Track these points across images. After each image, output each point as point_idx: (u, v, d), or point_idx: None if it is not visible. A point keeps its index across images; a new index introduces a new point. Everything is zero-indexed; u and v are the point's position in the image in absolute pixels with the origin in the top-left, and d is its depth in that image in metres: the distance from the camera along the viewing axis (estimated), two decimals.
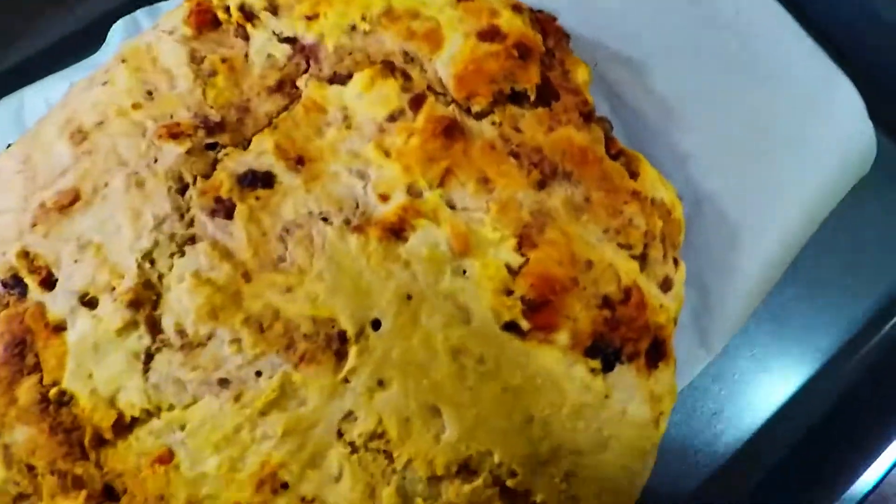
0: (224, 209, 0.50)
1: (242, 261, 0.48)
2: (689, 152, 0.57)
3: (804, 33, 0.58)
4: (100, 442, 0.47)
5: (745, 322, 0.57)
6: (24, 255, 0.52)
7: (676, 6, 0.61)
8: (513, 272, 0.47)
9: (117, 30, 0.66)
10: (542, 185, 0.50)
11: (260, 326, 0.46)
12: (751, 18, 0.59)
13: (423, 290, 0.46)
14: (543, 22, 0.56)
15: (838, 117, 0.55)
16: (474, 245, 0.48)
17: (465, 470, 0.44)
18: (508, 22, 0.56)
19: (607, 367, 0.49)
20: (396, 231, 0.48)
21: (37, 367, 0.50)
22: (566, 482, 0.47)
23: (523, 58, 0.53)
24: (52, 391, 0.48)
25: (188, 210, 0.50)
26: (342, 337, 0.46)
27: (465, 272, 0.47)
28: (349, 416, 0.45)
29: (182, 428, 0.45)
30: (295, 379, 0.45)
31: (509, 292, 0.48)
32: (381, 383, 0.45)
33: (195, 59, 0.55)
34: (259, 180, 0.50)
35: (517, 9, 0.56)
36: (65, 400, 0.48)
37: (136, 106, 0.56)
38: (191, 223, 0.49)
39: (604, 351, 0.47)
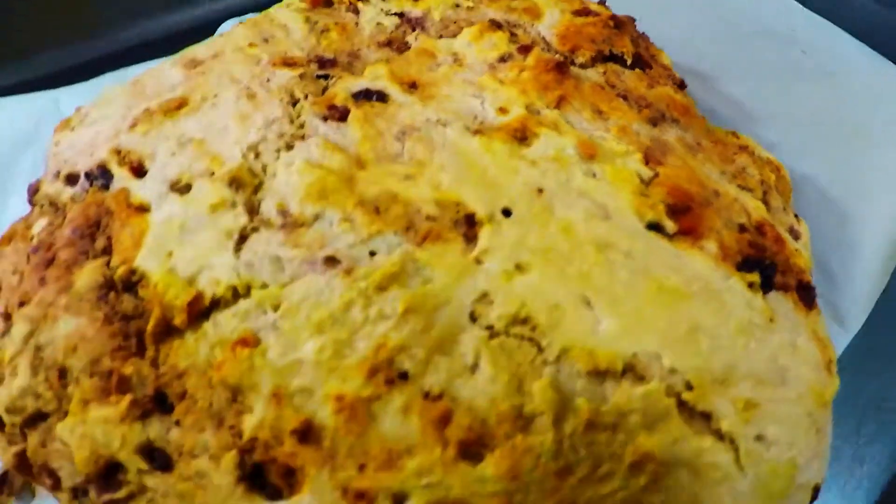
0: (338, 114, 0.31)
1: (356, 154, 0.28)
2: (774, 141, 0.43)
3: (853, 38, 0.46)
4: (166, 331, 0.25)
5: (874, 300, 0.42)
6: (117, 151, 0.31)
7: (734, 26, 0.48)
8: (644, 183, 0.28)
9: (226, 27, 0.51)
10: (654, 122, 0.33)
11: (375, 209, 0.26)
12: (806, 33, 0.47)
13: (554, 187, 0.28)
14: (624, 21, 0.43)
15: None
16: (601, 153, 0.29)
17: (632, 372, 0.26)
18: (598, 7, 0.47)
19: (766, 287, 0.32)
20: (519, 136, 0.30)
21: (106, 251, 0.28)
22: (750, 414, 0.29)
23: (618, 28, 0.40)
24: (120, 270, 0.27)
25: (299, 116, 0.31)
26: (470, 220, 0.26)
27: (595, 175, 0.28)
28: (484, 297, 0.24)
29: (276, 308, 0.24)
30: (419, 256, 0.25)
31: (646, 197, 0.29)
32: (519, 268, 0.24)
33: (309, 21, 0.39)
34: (373, 94, 0.32)
35: (602, 3, 0.49)
36: (133, 280, 0.27)
37: (251, 45, 0.42)
38: (301, 126, 0.30)
39: (760, 265, 0.27)
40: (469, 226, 0.31)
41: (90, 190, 0.35)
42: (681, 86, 0.44)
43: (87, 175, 0.36)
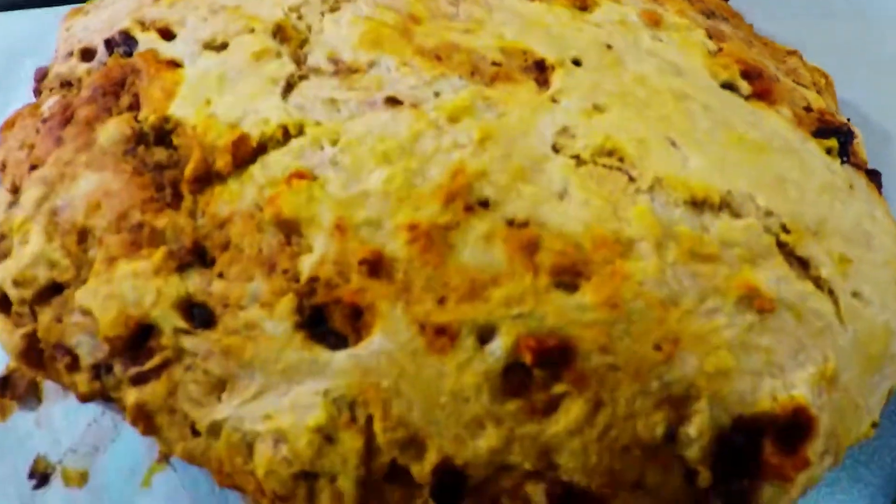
0: None
1: (409, 12, 0.26)
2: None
3: None
4: (206, 178, 0.22)
5: None
6: (140, 22, 0.28)
7: None
8: (711, 54, 0.27)
9: None
10: (707, 15, 0.31)
11: (436, 56, 0.24)
12: None
13: (623, 45, 0.26)
14: None
15: None
16: (665, 23, 0.27)
17: (728, 209, 0.20)
18: None
19: (842, 155, 0.31)
20: (579, 4, 0.28)
21: (133, 107, 0.25)
22: (845, 267, 0.26)
23: None
24: (151, 118, 0.23)
25: None
26: (540, 66, 0.24)
27: (661, 40, 0.26)
28: (565, 131, 0.21)
29: (334, 143, 0.21)
30: (489, 94, 0.22)
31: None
32: (597, 108, 0.22)
33: None
34: None
35: None
36: (166, 129, 0.23)
37: None
38: None
39: (836, 132, 0.25)
40: (539, 71, 0.28)
41: (111, 57, 0.32)
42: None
43: (108, 42, 0.32)
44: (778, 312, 0.24)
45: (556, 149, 0.25)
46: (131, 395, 0.24)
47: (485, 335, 0.22)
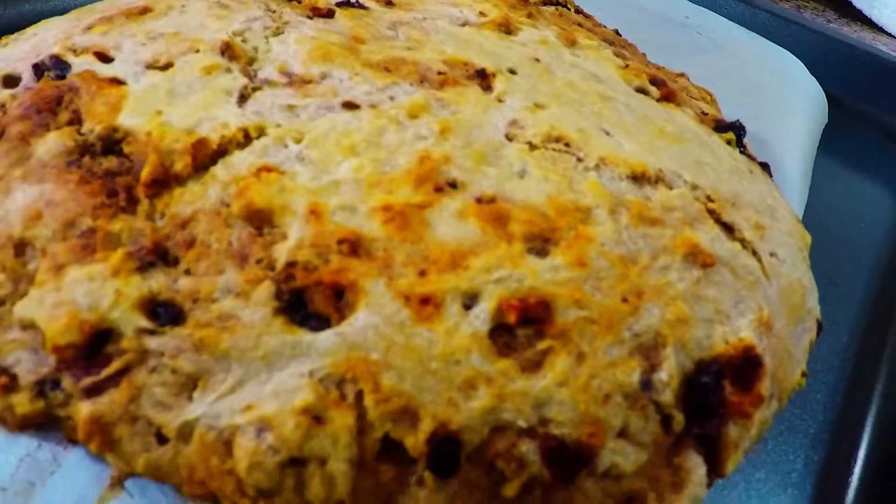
0: (323, 12, 0.32)
1: (351, 35, 0.30)
2: None
3: (731, 21, 0.57)
4: (164, 181, 0.23)
5: (801, 213, 0.44)
6: (71, 49, 0.30)
7: (641, 13, 0.58)
8: (621, 67, 0.32)
9: None
10: (610, 43, 0.38)
11: (385, 67, 0.27)
12: (696, 19, 0.63)
13: (548, 59, 0.31)
14: None
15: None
16: (579, 43, 0.33)
17: (662, 182, 0.25)
18: None
19: (741, 148, 0.37)
20: (504, 29, 0.33)
21: (73, 122, 0.26)
22: (761, 233, 0.31)
23: None
24: (98, 129, 0.24)
25: (281, 17, 0.32)
26: (481, 74, 0.28)
27: (579, 56, 0.32)
28: (514, 123, 0.25)
29: (298, 141, 0.23)
30: (441, 95, 0.26)
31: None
32: (538, 105, 0.27)
33: None
34: (353, 5, 0.34)
35: None
36: (115, 138, 0.24)
37: None
38: (286, 23, 0.31)
39: (731, 127, 0.31)
40: (482, 78, 0.31)
41: (42, 80, 0.31)
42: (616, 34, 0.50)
43: (36, 67, 0.31)
44: (717, 268, 0.27)
45: (509, 138, 0.28)
46: (84, 409, 0.22)
47: (468, 301, 0.23)
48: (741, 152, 0.36)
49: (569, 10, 0.47)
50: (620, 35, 0.50)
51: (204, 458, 0.22)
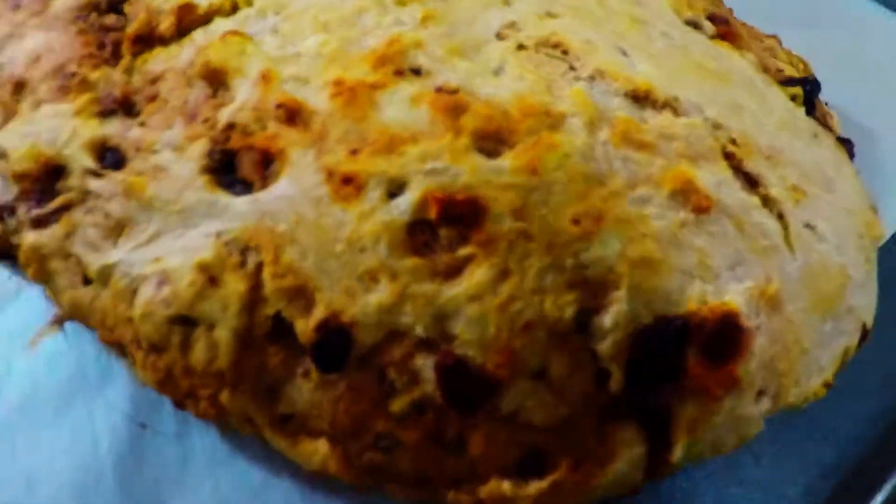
0: None
1: None
2: None
3: None
4: (148, 39, 0.22)
5: None
6: None
7: None
8: None
9: None
10: None
11: None
12: None
13: None
14: None
15: None
16: None
17: (672, 109, 0.19)
18: None
19: (808, 109, 0.29)
20: None
21: None
22: (799, 196, 0.25)
23: None
24: None
25: None
26: None
27: None
28: (512, 25, 0.21)
29: (278, 12, 0.21)
30: None
31: None
32: (550, 14, 0.22)
33: None
34: None
35: None
36: None
37: None
38: None
39: (802, 82, 0.25)
40: None
41: None
42: None
43: None
44: (716, 216, 0.22)
45: (500, 37, 0.25)
46: (28, 238, 0.23)
47: (394, 189, 0.21)
48: (809, 114, 0.29)
49: None
50: None
51: (115, 303, 0.22)
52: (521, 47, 0.24)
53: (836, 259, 0.25)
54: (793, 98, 0.30)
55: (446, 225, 0.20)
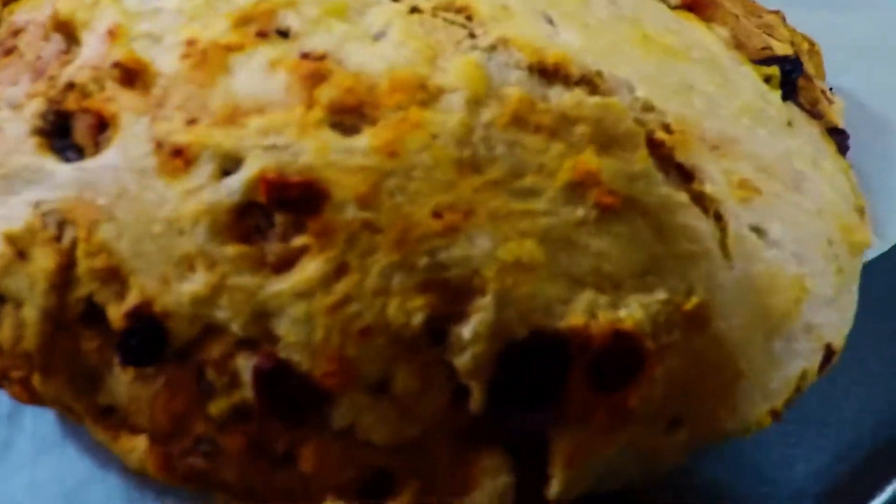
0: None
1: None
2: None
3: None
4: None
5: None
6: None
7: None
8: None
9: None
10: None
11: None
12: None
13: None
14: None
15: None
16: None
17: (590, 85, 0.19)
18: None
19: (786, 90, 0.25)
20: None
21: None
22: (746, 194, 0.21)
23: None
24: None
25: None
26: None
27: None
28: None
29: None
30: None
31: None
32: None
33: None
34: None
35: None
36: None
37: None
38: None
39: (781, 62, 0.20)
40: None
41: None
42: None
43: None
44: (626, 214, 0.19)
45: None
46: None
47: (229, 166, 0.18)
48: (788, 98, 0.25)
49: None
50: None
51: None
52: (414, 10, 0.21)
53: (792, 269, 0.21)
54: (767, 80, 0.25)
55: (282, 210, 0.18)
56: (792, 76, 0.25)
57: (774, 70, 0.25)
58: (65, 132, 0.20)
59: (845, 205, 0.24)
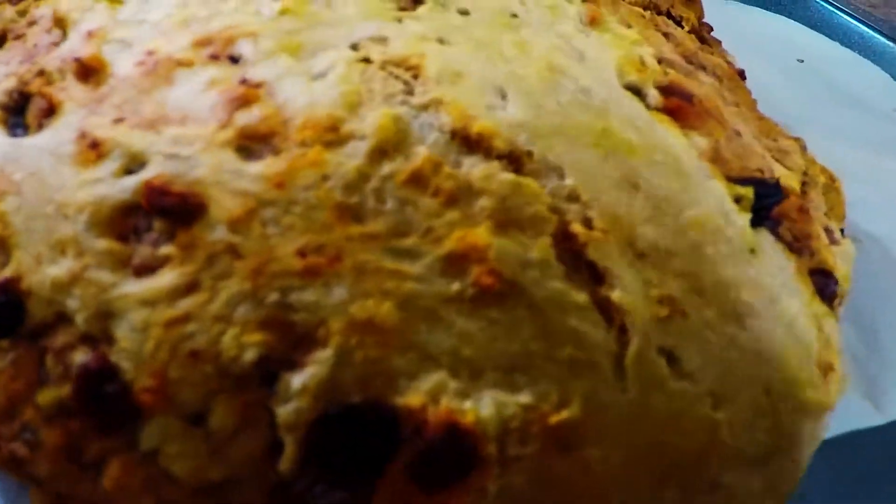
0: None
1: None
2: (852, 201, 0.34)
3: None
4: None
5: None
6: None
7: (829, 90, 0.48)
8: (636, 61, 0.23)
9: None
10: (688, 61, 0.27)
11: None
12: None
13: (532, 21, 0.22)
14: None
15: None
16: (605, 26, 0.24)
17: (510, 162, 0.15)
18: None
19: (759, 215, 0.24)
20: None
21: None
22: (665, 312, 0.19)
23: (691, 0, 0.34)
24: None
25: None
26: None
27: (587, 36, 0.23)
28: (381, 40, 0.18)
29: None
30: None
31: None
32: (441, 41, 0.19)
33: None
34: None
35: None
36: None
37: None
38: None
39: (758, 183, 0.19)
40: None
41: None
42: (740, 76, 0.37)
43: None
44: (508, 301, 0.17)
45: (354, 47, 0.22)
46: None
47: (133, 166, 0.19)
48: (758, 224, 0.23)
49: (682, 27, 0.37)
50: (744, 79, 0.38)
51: None
52: (365, 60, 0.21)
53: (704, 410, 0.19)
54: (738, 200, 0.23)
55: (161, 217, 0.18)
56: (767, 201, 0.23)
57: (748, 191, 0.23)
58: (21, 111, 0.22)
59: (803, 355, 0.21)
